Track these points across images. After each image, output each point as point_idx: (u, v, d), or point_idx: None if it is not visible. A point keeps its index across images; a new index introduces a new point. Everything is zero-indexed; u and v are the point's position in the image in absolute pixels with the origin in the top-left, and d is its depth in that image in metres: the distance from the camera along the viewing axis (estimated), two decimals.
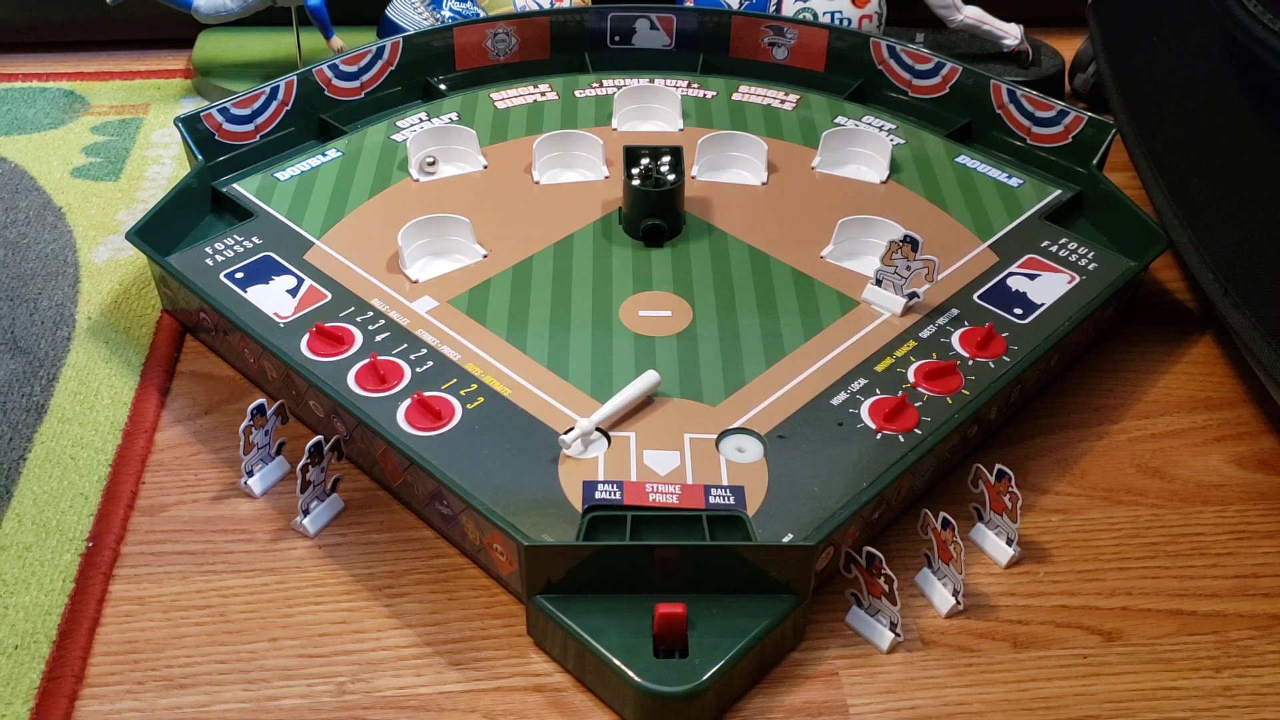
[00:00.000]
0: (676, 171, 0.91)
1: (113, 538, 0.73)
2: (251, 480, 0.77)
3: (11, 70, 1.26)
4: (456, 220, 0.90)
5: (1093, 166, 0.97)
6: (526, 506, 0.69)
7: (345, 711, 0.65)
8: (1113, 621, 0.70)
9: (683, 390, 0.78)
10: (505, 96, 1.09)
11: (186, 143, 0.97)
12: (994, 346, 0.81)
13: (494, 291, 0.86)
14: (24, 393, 0.84)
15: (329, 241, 0.90)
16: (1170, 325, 0.93)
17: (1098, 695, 0.66)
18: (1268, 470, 0.80)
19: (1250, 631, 0.70)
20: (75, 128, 1.16)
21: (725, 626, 0.64)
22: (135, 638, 0.68)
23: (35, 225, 1.01)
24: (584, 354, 0.80)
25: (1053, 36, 1.26)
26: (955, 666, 0.67)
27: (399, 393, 0.76)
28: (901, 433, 0.75)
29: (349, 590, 0.71)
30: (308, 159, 1.00)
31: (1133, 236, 0.91)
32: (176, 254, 0.88)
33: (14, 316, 0.90)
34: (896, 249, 0.83)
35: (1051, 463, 0.80)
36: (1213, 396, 0.86)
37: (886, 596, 0.66)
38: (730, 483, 0.71)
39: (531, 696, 0.65)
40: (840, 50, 1.12)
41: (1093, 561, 0.74)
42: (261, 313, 0.83)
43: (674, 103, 1.07)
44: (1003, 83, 1.04)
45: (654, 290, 0.86)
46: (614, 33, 1.15)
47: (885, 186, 0.99)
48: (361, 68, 1.07)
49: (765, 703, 0.65)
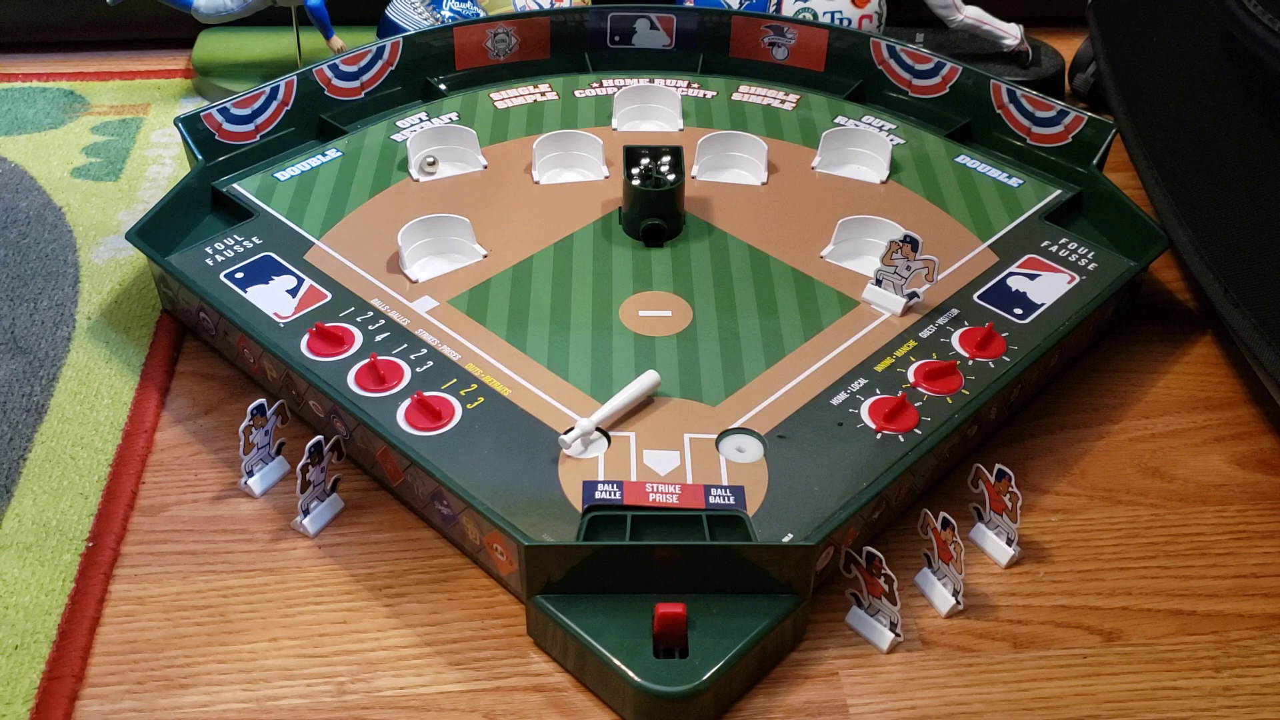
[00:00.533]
0: (676, 171, 0.91)
1: (113, 538, 0.73)
2: (251, 480, 0.77)
3: (11, 70, 1.26)
4: (456, 220, 0.90)
5: (1093, 166, 0.97)
6: (526, 506, 0.69)
7: (345, 711, 0.65)
8: (1113, 621, 0.70)
9: (683, 390, 0.78)
10: (505, 96, 1.09)
11: (186, 143, 0.97)
12: (994, 346, 0.81)
13: (494, 291, 0.86)
14: (24, 393, 0.84)
15: (329, 241, 0.90)
16: (1170, 325, 0.93)
17: (1098, 695, 0.66)
18: (1268, 470, 0.80)
19: (1250, 631, 0.70)
20: (75, 128, 1.16)
21: (725, 626, 0.64)
22: (135, 638, 0.68)
23: (35, 225, 1.01)
24: (584, 354, 0.80)
25: (1053, 36, 1.26)
26: (955, 666, 0.67)
27: (399, 393, 0.76)
28: (901, 433, 0.75)
29: (349, 590, 0.71)
30: (308, 159, 1.00)
31: (1133, 236, 0.91)
32: (176, 254, 0.88)
33: (14, 316, 0.90)
34: (896, 249, 0.83)
35: (1051, 463, 0.80)
36: (1213, 396, 0.86)
37: (886, 596, 0.66)
38: (730, 483, 0.71)
39: (531, 696, 0.65)
40: (840, 50, 1.12)
41: (1093, 561, 0.74)
42: (261, 313, 0.83)
43: (674, 103, 1.07)
44: (1003, 83, 1.04)
45: (654, 290, 0.86)
46: (614, 33, 1.15)
47: (885, 186, 0.99)
48: (361, 68, 1.07)
49: (765, 703, 0.65)
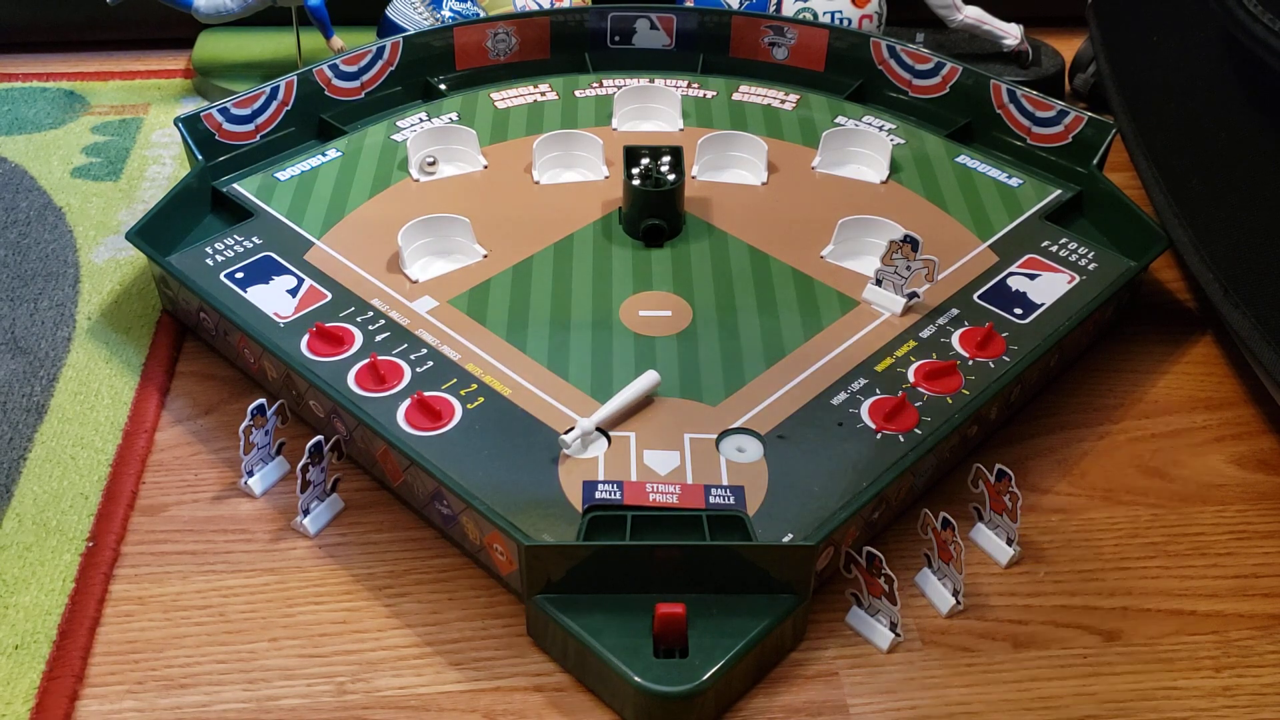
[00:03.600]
0: (676, 171, 0.91)
1: (113, 537, 0.73)
2: (251, 480, 0.77)
3: (11, 70, 1.26)
4: (456, 220, 0.90)
5: (1093, 166, 0.97)
6: (526, 506, 0.69)
7: (345, 711, 0.65)
8: (1113, 621, 0.70)
9: (683, 390, 0.78)
10: (505, 96, 1.09)
11: (186, 143, 0.97)
12: (994, 346, 0.81)
13: (494, 291, 0.86)
14: (24, 392, 0.84)
15: (329, 241, 0.90)
16: (1170, 325, 0.93)
17: (1098, 695, 0.66)
18: (1268, 470, 0.80)
19: (1250, 631, 0.70)
20: (75, 128, 1.16)
21: (725, 626, 0.64)
22: (135, 638, 0.68)
23: (35, 225, 1.01)
24: (584, 354, 0.80)
25: (1053, 36, 1.26)
26: (955, 666, 0.67)
27: (399, 393, 0.76)
28: (901, 433, 0.75)
29: (349, 590, 0.71)
30: (308, 159, 1.00)
31: (1133, 236, 0.91)
32: (176, 254, 0.88)
33: (14, 316, 0.90)
34: (896, 249, 0.83)
35: (1051, 463, 0.80)
36: (1213, 396, 0.86)
37: (886, 596, 0.66)
38: (730, 483, 0.71)
39: (532, 696, 0.65)
40: (840, 50, 1.12)
41: (1093, 561, 0.74)
42: (261, 313, 0.83)
43: (674, 103, 1.06)
44: (1003, 83, 1.04)
45: (654, 290, 0.86)
46: (614, 33, 1.15)
47: (885, 186, 0.99)
48: (361, 68, 1.07)
49: (765, 703, 0.65)
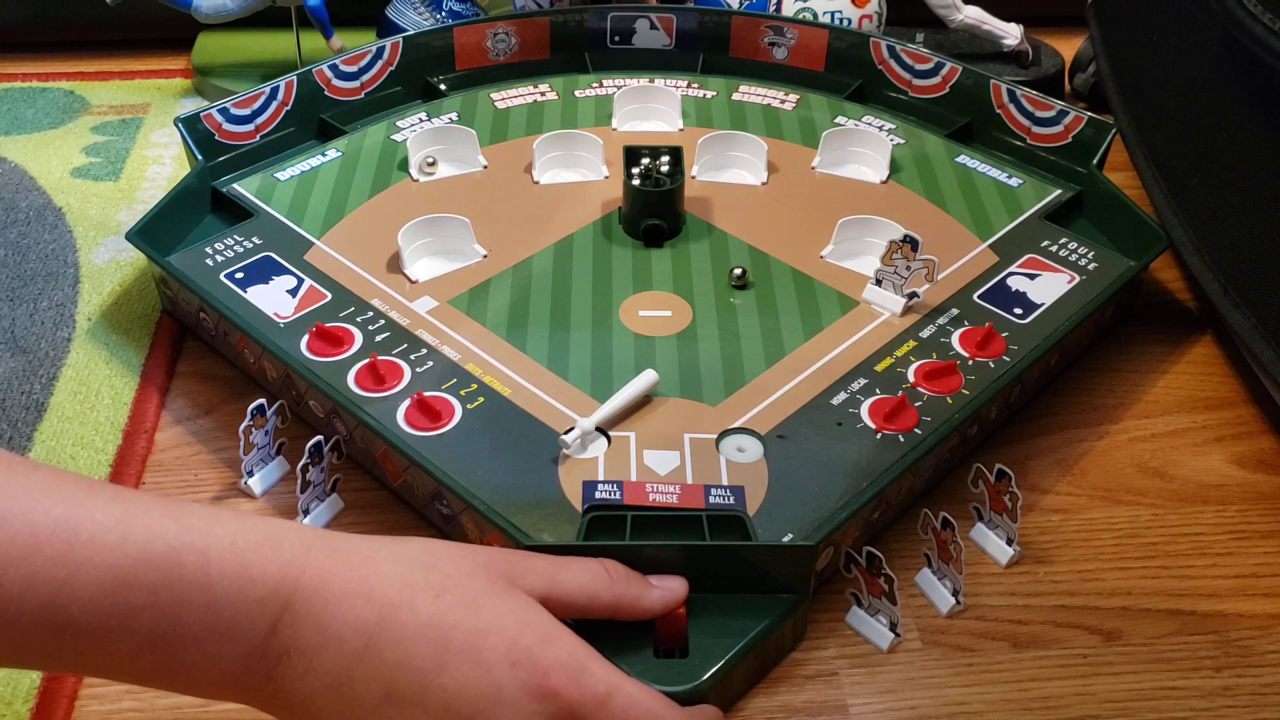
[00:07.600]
0: (676, 171, 0.91)
1: None
2: (251, 480, 0.77)
3: (11, 70, 1.26)
4: (456, 220, 0.89)
5: (1093, 166, 0.97)
6: (526, 506, 0.69)
7: None
8: (1113, 621, 0.70)
9: (683, 390, 0.78)
10: (505, 96, 1.09)
11: (186, 143, 0.97)
12: (994, 346, 0.81)
13: (494, 291, 0.86)
14: (24, 391, 0.84)
15: (329, 241, 0.90)
16: (1170, 325, 0.93)
17: (1098, 695, 0.66)
18: (1268, 470, 0.80)
19: (1250, 631, 0.70)
20: (75, 128, 1.16)
21: (725, 626, 0.64)
22: None
23: (35, 225, 1.01)
24: (584, 354, 0.80)
25: (1053, 36, 1.26)
26: (955, 666, 0.67)
27: (399, 393, 0.76)
28: (901, 433, 0.75)
29: None
30: (308, 159, 1.00)
31: (1133, 236, 0.91)
32: (176, 254, 0.88)
33: (14, 317, 0.90)
34: (896, 249, 0.83)
35: (1051, 463, 0.80)
36: (1213, 396, 0.86)
37: (886, 596, 0.66)
38: (730, 483, 0.71)
39: None
40: (840, 50, 1.12)
41: (1093, 561, 0.74)
42: (261, 313, 0.83)
43: (674, 103, 1.06)
44: (1003, 83, 1.04)
45: (654, 290, 0.86)
46: (614, 33, 1.15)
47: (885, 186, 0.99)
48: (361, 68, 1.07)
49: (765, 703, 0.65)
